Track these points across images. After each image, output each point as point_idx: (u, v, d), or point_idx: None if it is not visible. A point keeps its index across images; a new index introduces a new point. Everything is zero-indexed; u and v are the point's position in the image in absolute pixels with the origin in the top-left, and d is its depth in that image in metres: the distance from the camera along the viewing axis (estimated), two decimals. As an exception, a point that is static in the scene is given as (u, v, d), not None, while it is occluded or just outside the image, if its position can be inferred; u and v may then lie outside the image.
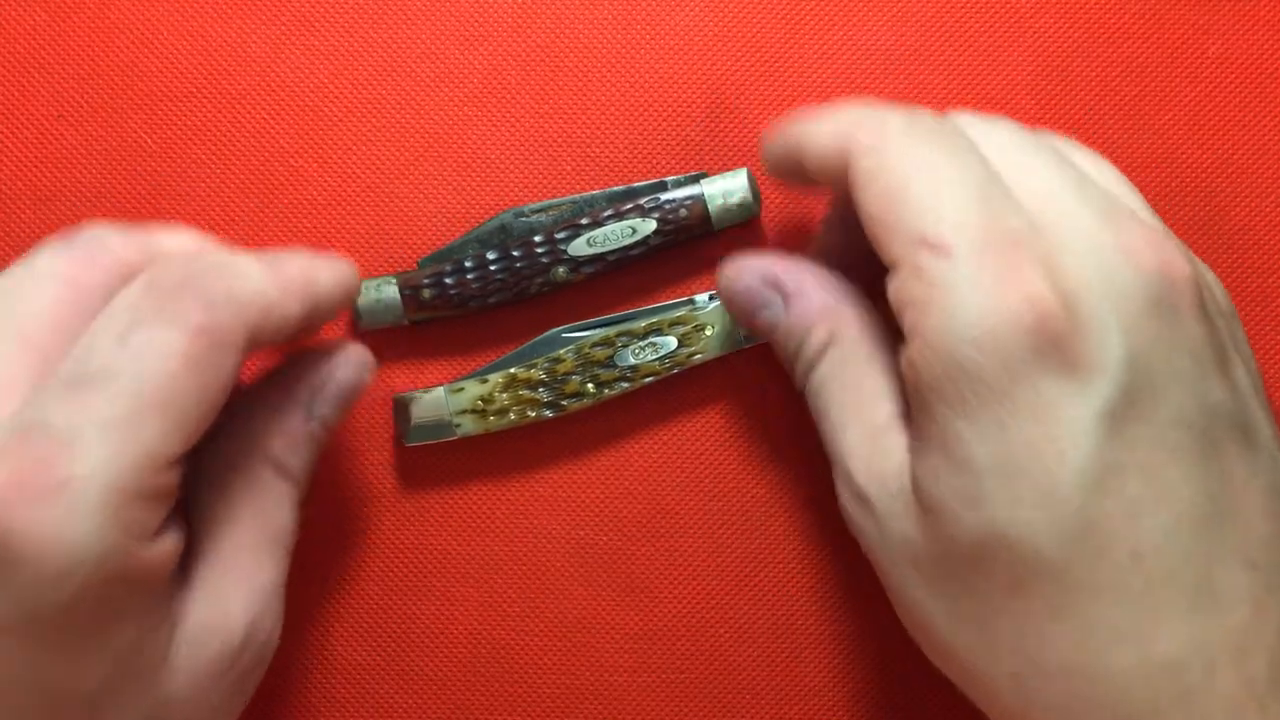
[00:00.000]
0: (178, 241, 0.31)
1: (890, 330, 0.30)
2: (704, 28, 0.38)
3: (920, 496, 0.27)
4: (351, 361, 0.33)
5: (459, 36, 0.38)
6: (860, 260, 0.32)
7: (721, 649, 0.37)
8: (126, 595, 0.26)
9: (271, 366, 0.33)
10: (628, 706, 0.36)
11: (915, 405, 0.28)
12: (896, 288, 0.28)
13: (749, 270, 0.33)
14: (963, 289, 0.26)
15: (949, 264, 0.26)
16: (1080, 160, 0.30)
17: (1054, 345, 0.26)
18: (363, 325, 0.36)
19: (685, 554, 0.37)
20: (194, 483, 0.30)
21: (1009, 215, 0.27)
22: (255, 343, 0.28)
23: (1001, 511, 0.26)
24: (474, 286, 0.36)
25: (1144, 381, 0.26)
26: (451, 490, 0.37)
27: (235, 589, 0.29)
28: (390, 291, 0.36)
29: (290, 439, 0.31)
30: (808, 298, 0.32)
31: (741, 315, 0.34)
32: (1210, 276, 0.29)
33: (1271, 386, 0.38)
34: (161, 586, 0.27)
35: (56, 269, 0.28)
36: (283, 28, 0.38)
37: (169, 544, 0.27)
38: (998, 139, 0.29)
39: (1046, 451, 0.25)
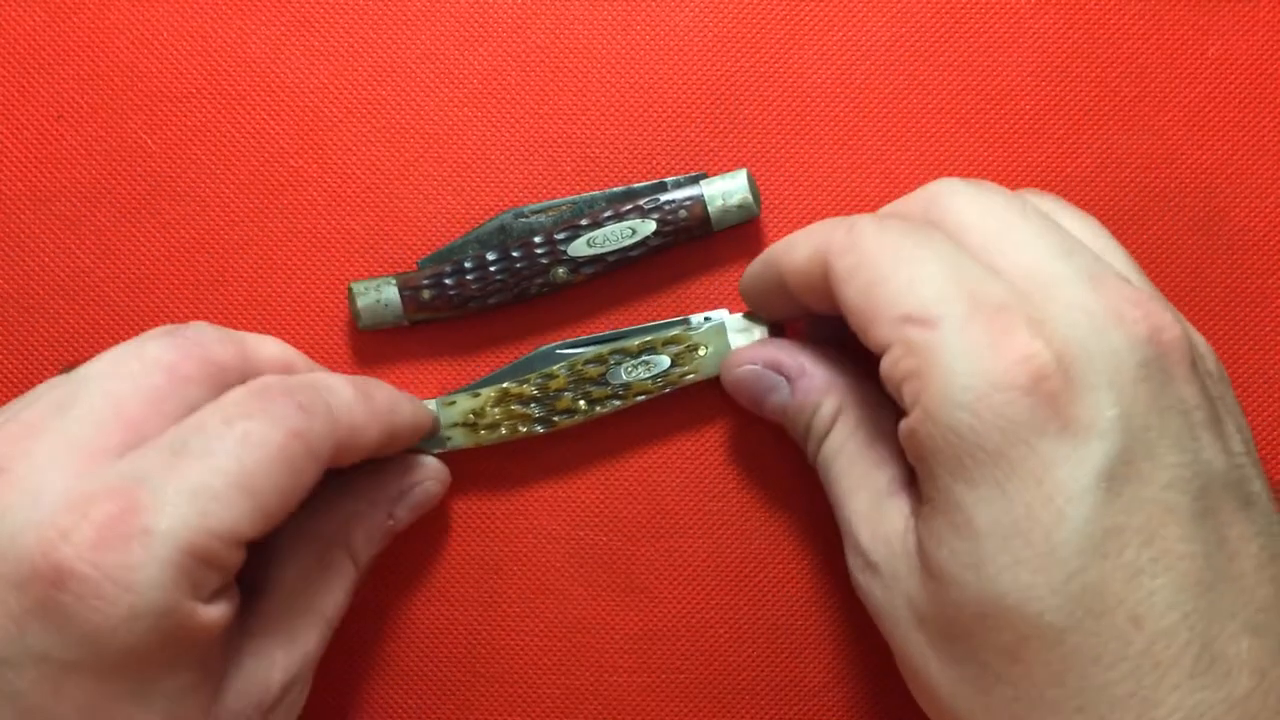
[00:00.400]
0: (268, 347, 0.33)
1: (889, 401, 0.31)
2: (704, 28, 0.38)
3: (925, 561, 0.28)
4: (438, 477, 0.36)
5: (459, 37, 0.38)
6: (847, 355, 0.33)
7: (721, 649, 0.37)
8: (180, 649, 0.27)
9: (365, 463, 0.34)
10: (628, 706, 0.36)
11: (918, 472, 0.28)
12: (889, 367, 0.28)
13: (750, 357, 0.34)
14: (954, 356, 0.27)
15: (938, 334, 0.27)
16: (1068, 221, 0.30)
17: (1049, 404, 0.26)
18: (363, 325, 0.36)
19: (685, 554, 0.37)
20: (269, 547, 0.32)
21: (990, 285, 0.28)
22: (336, 458, 0.30)
23: (1003, 575, 0.26)
24: (474, 287, 0.36)
25: (1139, 443, 0.26)
26: (451, 491, 0.37)
27: (281, 654, 0.31)
28: (390, 292, 0.36)
29: (370, 533, 0.34)
30: (810, 376, 0.33)
31: (751, 403, 0.35)
32: (1199, 340, 0.30)
33: (1272, 387, 0.38)
34: (211, 646, 0.28)
35: (162, 357, 0.30)
36: (283, 28, 0.38)
37: (221, 611, 0.28)
38: (980, 209, 0.30)
39: (1045, 514, 0.26)
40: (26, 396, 0.30)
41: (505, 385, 0.36)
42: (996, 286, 0.27)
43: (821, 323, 0.34)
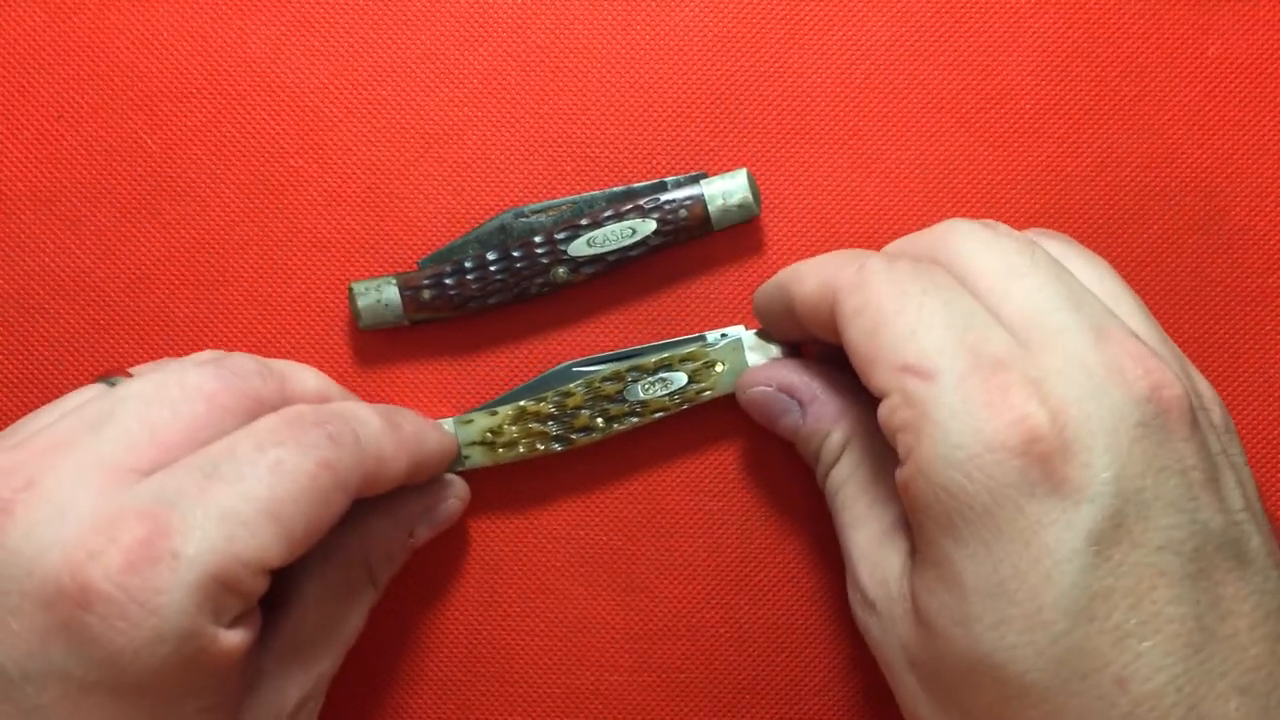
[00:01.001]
0: (307, 380, 0.33)
1: None
2: (704, 28, 0.38)
3: (917, 609, 0.28)
4: (460, 495, 0.36)
5: (459, 37, 0.38)
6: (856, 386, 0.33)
7: (721, 648, 0.37)
8: (201, 673, 0.27)
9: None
10: (628, 706, 0.37)
11: (911, 522, 0.28)
12: (886, 414, 0.28)
13: (764, 378, 0.35)
14: (949, 412, 0.27)
15: (935, 388, 0.27)
16: (1077, 265, 0.30)
17: (1041, 467, 0.26)
18: (363, 325, 0.36)
19: (685, 554, 0.37)
20: (291, 565, 0.32)
21: (993, 338, 0.28)
22: (364, 489, 0.30)
23: (988, 634, 0.26)
24: (474, 287, 0.36)
25: (1132, 505, 0.26)
26: (451, 490, 0.37)
27: (299, 672, 0.31)
28: (390, 292, 0.36)
29: (390, 552, 0.34)
30: (822, 403, 0.33)
31: (764, 422, 0.35)
32: (1206, 391, 0.29)
33: (1272, 386, 0.38)
34: (232, 670, 0.28)
35: (204, 386, 0.30)
36: (283, 28, 0.38)
37: (242, 636, 0.28)
38: (990, 252, 0.30)
39: (1032, 576, 0.26)
40: (56, 406, 0.30)
41: (523, 403, 0.36)
42: (998, 339, 0.28)
43: (832, 349, 0.34)
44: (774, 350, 0.36)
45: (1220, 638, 0.26)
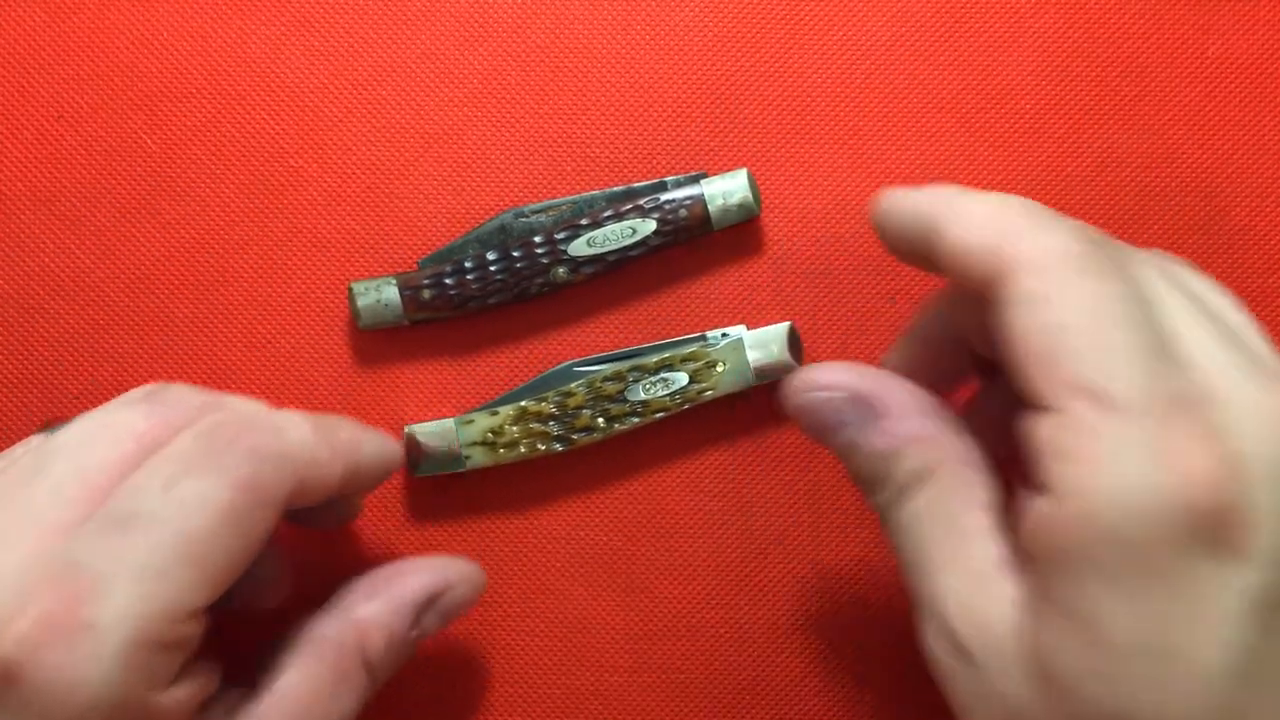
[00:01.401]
0: (249, 408, 0.31)
1: (986, 463, 0.29)
2: (704, 28, 0.38)
3: (1040, 662, 0.25)
4: (473, 583, 0.33)
5: (459, 37, 0.38)
6: (944, 378, 0.30)
7: (721, 649, 0.37)
8: None
9: (396, 562, 0.33)
10: (628, 706, 0.36)
11: (1044, 564, 0.25)
12: (1047, 435, 0.25)
13: (829, 382, 0.30)
14: (1126, 451, 0.24)
15: (1115, 423, 0.24)
16: (1202, 289, 0.28)
17: (1215, 525, 0.24)
18: (363, 325, 0.36)
19: (685, 554, 0.37)
20: (277, 650, 0.31)
21: (1181, 379, 0.25)
22: (295, 501, 0.29)
23: (1141, 694, 0.24)
24: (474, 287, 0.36)
25: None
26: (451, 491, 0.37)
27: None
28: (390, 292, 0.36)
29: (391, 642, 0.31)
30: (900, 420, 0.29)
31: (816, 430, 0.30)
32: None
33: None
34: None
35: (135, 425, 0.29)
36: (283, 28, 0.38)
37: (186, 692, 0.27)
38: (1181, 290, 0.27)
39: (1197, 636, 0.24)
40: (3, 457, 0.30)
41: (524, 403, 0.36)
42: (1189, 385, 0.25)
43: (929, 337, 0.31)
44: (775, 349, 0.36)
45: None
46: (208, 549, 0.27)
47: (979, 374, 0.32)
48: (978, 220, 0.27)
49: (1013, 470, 0.28)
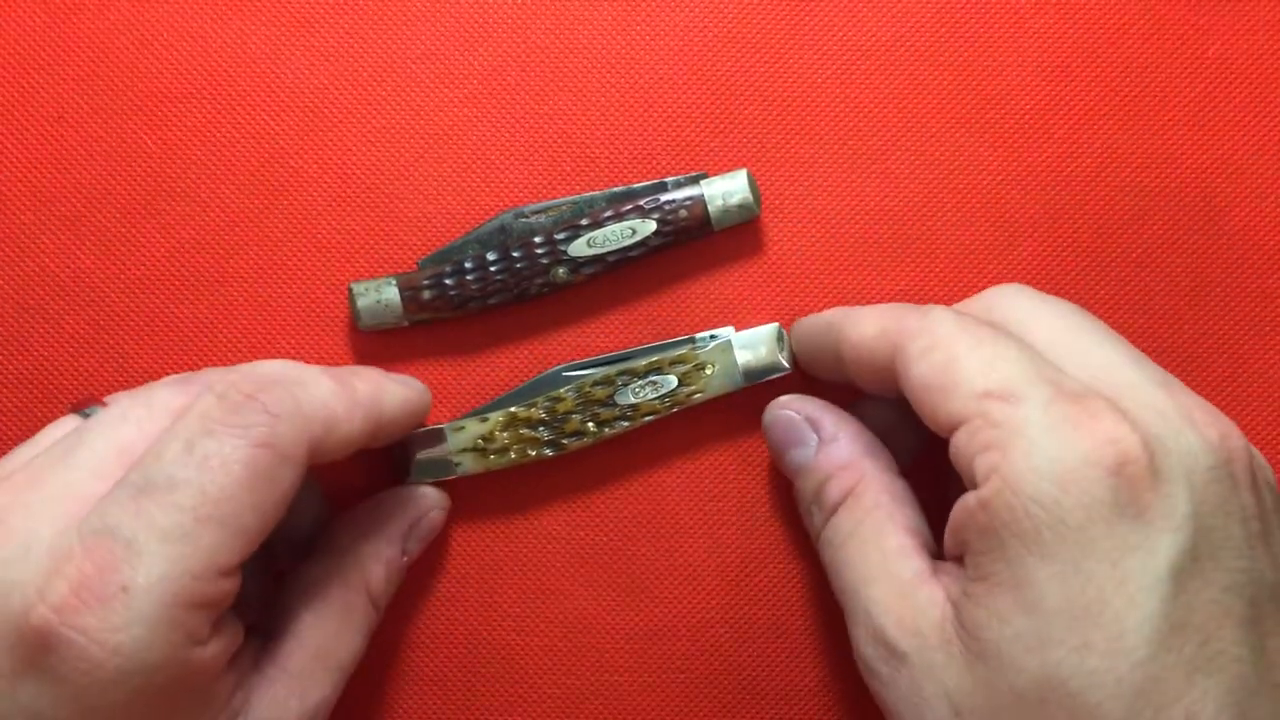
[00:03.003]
0: (269, 368, 0.31)
1: (909, 493, 0.32)
2: (704, 28, 0.38)
3: (973, 644, 0.27)
4: (441, 505, 0.36)
5: (459, 37, 0.38)
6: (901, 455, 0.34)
7: (721, 649, 0.37)
8: (178, 695, 0.27)
9: (367, 501, 0.35)
10: (628, 706, 0.37)
11: (977, 547, 0.28)
12: (964, 439, 0.28)
13: (794, 404, 0.34)
14: (1040, 430, 0.27)
15: (1022, 410, 0.27)
16: (1084, 324, 0.31)
17: (1131, 489, 0.26)
18: (363, 325, 0.36)
19: (685, 554, 0.37)
20: (285, 593, 0.32)
21: (1065, 377, 0.28)
22: (318, 456, 0.30)
23: (1069, 658, 0.26)
24: (474, 287, 0.36)
25: (1204, 543, 0.26)
26: (451, 492, 0.37)
27: (296, 702, 0.30)
28: (390, 292, 0.36)
29: (389, 569, 0.34)
30: (838, 446, 0.33)
31: (775, 447, 0.35)
32: (1258, 453, 0.30)
33: (1273, 386, 0.38)
34: (211, 684, 0.28)
35: (170, 402, 0.30)
36: (283, 28, 0.38)
37: (220, 646, 0.28)
38: (1048, 312, 0.30)
39: (1117, 599, 0.26)
40: (35, 441, 0.30)
41: (513, 409, 0.36)
42: (1074, 381, 0.28)
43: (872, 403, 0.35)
44: (763, 350, 0.36)
45: (1269, 685, 0.26)
46: (232, 508, 0.27)
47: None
48: (869, 321, 0.32)
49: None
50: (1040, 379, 0.28)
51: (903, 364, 0.30)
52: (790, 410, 0.34)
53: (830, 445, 0.33)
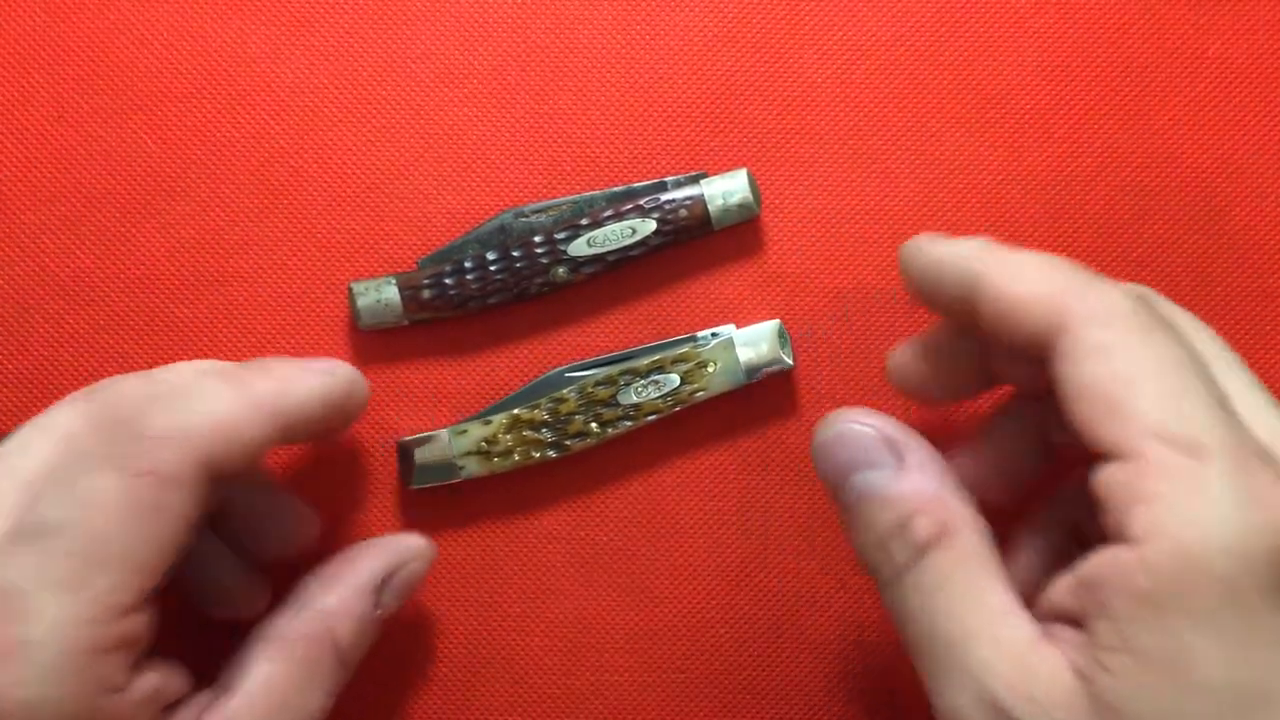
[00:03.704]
0: (191, 368, 0.30)
1: (988, 528, 0.28)
2: (704, 28, 0.38)
3: (1111, 717, 0.25)
4: (423, 556, 0.33)
5: (459, 37, 0.38)
6: (949, 391, 0.31)
7: (721, 649, 0.37)
8: None
9: (344, 550, 0.33)
10: (628, 706, 0.37)
11: (1127, 615, 0.25)
12: (1124, 479, 0.25)
13: (864, 418, 0.29)
14: (1217, 495, 0.24)
15: (1202, 466, 0.24)
16: (1238, 363, 0.29)
17: None
18: (363, 325, 0.36)
19: (685, 554, 0.37)
20: (249, 641, 0.30)
21: (1247, 433, 0.26)
22: (221, 470, 0.28)
23: None
24: (474, 287, 0.36)
25: None
26: (451, 491, 0.37)
27: None
28: (390, 292, 0.36)
29: (358, 624, 0.31)
30: (926, 476, 0.28)
31: (835, 468, 0.29)
32: None
33: (1275, 386, 0.37)
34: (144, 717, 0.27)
35: (68, 425, 0.28)
36: (283, 28, 0.38)
37: (145, 690, 0.27)
38: (1223, 349, 0.28)
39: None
40: None
41: (516, 411, 0.36)
42: (1247, 430, 0.26)
43: (937, 357, 0.31)
44: (765, 347, 0.36)
45: None
46: (120, 546, 0.26)
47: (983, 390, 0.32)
48: (1031, 275, 0.27)
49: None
50: (1229, 435, 0.25)
51: (1066, 350, 0.26)
52: (864, 425, 0.29)
53: (916, 473, 0.28)
